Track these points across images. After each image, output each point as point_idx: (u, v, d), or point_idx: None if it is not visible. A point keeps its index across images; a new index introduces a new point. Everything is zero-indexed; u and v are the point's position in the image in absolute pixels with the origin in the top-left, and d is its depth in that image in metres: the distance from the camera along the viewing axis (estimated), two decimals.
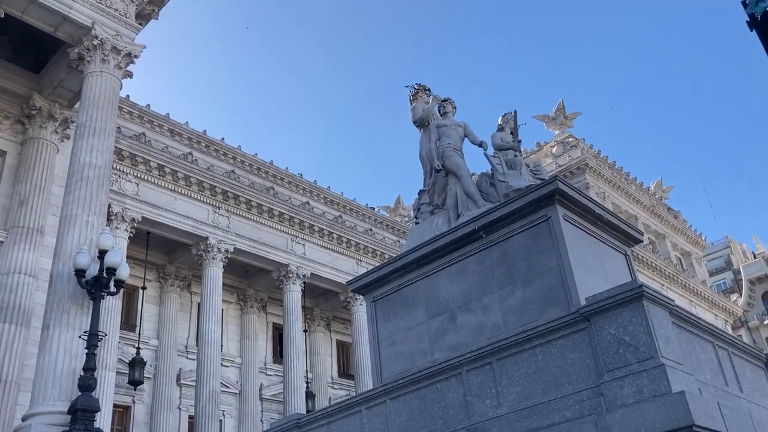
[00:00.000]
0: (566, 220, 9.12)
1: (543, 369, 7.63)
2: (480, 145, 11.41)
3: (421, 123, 12.11)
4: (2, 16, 16.16)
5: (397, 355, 10.19)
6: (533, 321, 8.48)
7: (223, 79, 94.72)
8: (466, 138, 11.55)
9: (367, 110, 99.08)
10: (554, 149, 44.23)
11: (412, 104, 12.40)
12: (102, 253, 13.60)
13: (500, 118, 11.86)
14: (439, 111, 12.03)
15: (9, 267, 16.90)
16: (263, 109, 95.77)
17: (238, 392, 27.29)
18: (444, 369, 8.54)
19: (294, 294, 27.00)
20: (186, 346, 26.45)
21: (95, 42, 17.12)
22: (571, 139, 44.20)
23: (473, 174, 11.56)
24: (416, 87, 12.47)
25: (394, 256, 23.35)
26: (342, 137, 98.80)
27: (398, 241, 33.71)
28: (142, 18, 19.45)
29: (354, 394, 28.33)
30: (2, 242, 17.43)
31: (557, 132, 45.43)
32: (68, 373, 12.94)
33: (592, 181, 41.73)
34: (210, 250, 24.68)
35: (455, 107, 11.90)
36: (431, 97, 12.28)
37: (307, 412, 23.57)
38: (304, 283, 27.61)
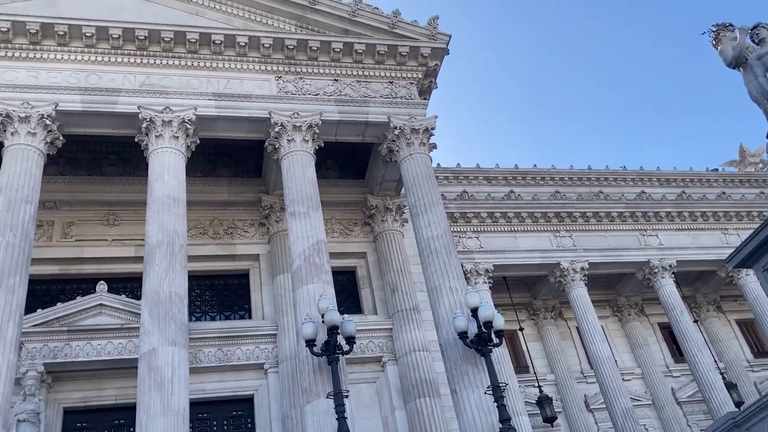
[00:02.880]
0: None
1: None
2: None
3: (737, 62, 10.72)
4: (322, 145, 18.78)
5: None
6: None
7: (506, 103, 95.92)
8: None
9: (661, 72, 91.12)
10: None
11: (717, 48, 11.09)
12: (474, 311, 14.44)
13: None
14: (753, 41, 10.55)
15: (405, 348, 18.88)
16: (560, 115, 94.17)
17: (650, 402, 26.05)
18: None
19: (667, 288, 25.27)
20: (581, 372, 26.32)
21: (396, 132, 18.85)
22: None
23: None
24: (715, 28, 11.14)
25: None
26: (647, 112, 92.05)
27: (762, 193, 29.72)
28: (424, 93, 20.95)
29: None
30: (391, 329, 19.60)
31: None
32: (488, 428, 13.75)
33: None
34: (566, 273, 24.58)
35: None
36: (737, 30, 10.85)
37: (736, 404, 21.50)
38: (674, 273, 25.72)
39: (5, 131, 16.37)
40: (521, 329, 25.33)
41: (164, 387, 13.54)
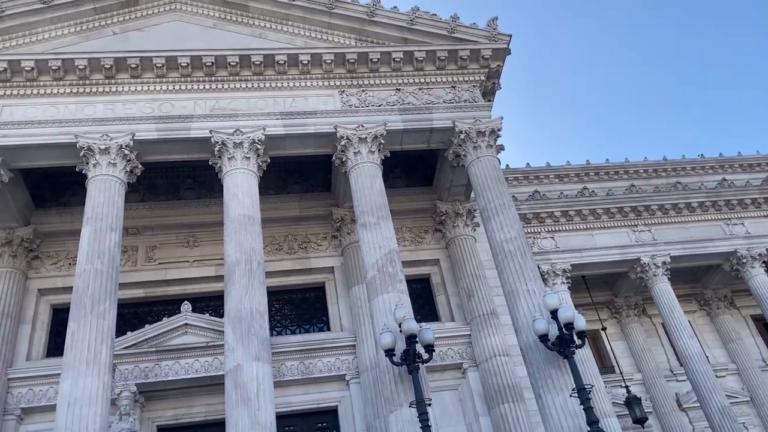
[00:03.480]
0: None
1: None
2: None
3: None
4: (388, 155, 18.87)
5: None
6: None
7: (571, 98, 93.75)
8: None
9: (728, 51, 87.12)
10: None
11: None
12: (553, 313, 14.15)
13: None
14: None
15: (485, 354, 18.68)
16: (627, 109, 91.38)
17: (748, 399, 24.82)
18: None
19: (759, 278, 24.02)
20: (670, 369, 25.35)
21: (461, 136, 18.76)
22: None
23: None
24: None
25: None
26: (721, 97, 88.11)
27: None
28: (488, 94, 20.77)
29: None
30: (470, 334, 19.43)
31: None
32: (576, 431, 13.42)
33: None
34: (647, 269, 23.77)
35: None
36: None
37: None
38: (764, 261, 24.46)
39: (88, 163, 17.20)
40: (604, 329, 24.66)
41: (251, 402, 13.84)
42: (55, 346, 18.75)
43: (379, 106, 19.20)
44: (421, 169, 22.23)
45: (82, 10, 19.35)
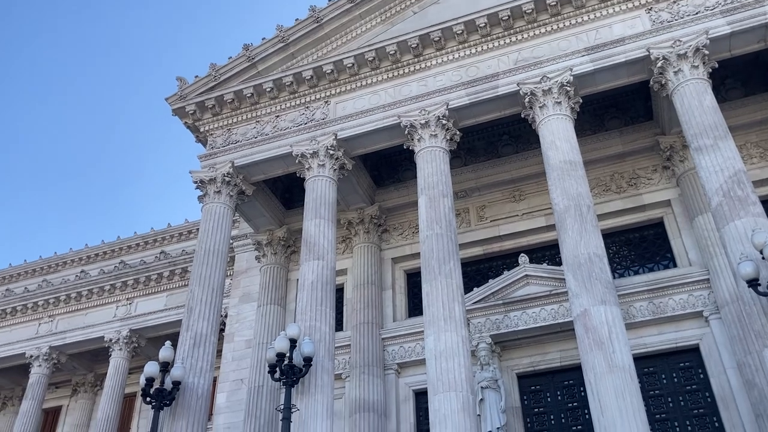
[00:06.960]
0: None
1: None
2: None
3: None
4: (716, 66, 16.84)
5: None
6: None
7: None
8: None
9: None
10: None
11: None
12: None
13: None
14: None
15: None
16: None
17: None
18: None
19: None
20: None
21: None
22: None
23: None
24: None
25: None
26: None
27: None
28: None
29: None
30: None
31: None
32: None
33: None
34: None
35: None
36: None
37: None
38: None
39: (413, 139, 18.60)
40: None
41: (604, 345, 13.70)
42: (414, 306, 20.83)
43: (696, 14, 17.18)
44: (758, 74, 19.40)
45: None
